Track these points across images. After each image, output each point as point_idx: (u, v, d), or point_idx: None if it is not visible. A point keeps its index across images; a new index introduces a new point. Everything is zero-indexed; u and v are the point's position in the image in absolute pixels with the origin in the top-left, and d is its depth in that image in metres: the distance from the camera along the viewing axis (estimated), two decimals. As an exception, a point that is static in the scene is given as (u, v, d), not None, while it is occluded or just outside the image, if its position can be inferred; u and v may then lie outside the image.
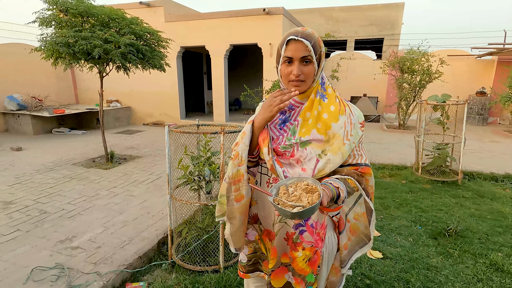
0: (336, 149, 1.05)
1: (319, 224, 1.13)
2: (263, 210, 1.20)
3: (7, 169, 4.66)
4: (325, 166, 1.05)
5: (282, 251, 1.15)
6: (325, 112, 1.07)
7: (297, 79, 1.04)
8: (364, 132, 1.15)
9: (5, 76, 7.59)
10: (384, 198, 3.65)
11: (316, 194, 0.91)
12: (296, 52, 1.01)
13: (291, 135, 1.08)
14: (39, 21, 3.77)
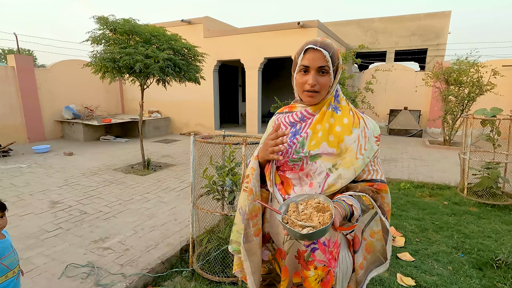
0: (349, 163, 1.00)
1: (332, 242, 1.07)
2: (274, 227, 1.14)
3: (58, 171, 5.16)
4: (336, 181, 1.00)
5: (294, 270, 1.09)
6: (338, 125, 1.04)
7: (312, 89, 1.01)
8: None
9: (64, 89, 8.53)
10: (421, 219, 3.35)
11: (328, 214, 0.86)
12: (313, 62, 0.99)
13: (299, 147, 1.04)
14: (91, 40, 4.21)
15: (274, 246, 1.16)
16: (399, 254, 2.63)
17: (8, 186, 4.33)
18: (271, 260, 1.19)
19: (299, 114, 1.09)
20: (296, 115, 1.10)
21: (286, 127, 1.12)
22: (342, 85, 4.51)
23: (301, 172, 1.03)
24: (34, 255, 2.55)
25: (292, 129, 1.09)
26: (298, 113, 1.09)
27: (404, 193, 4.19)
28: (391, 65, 10.03)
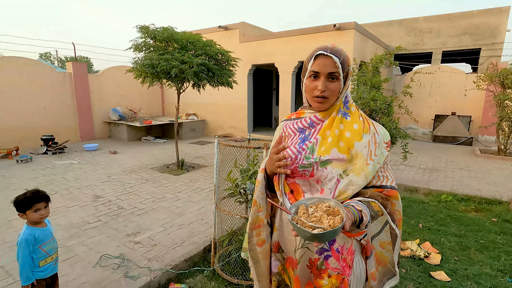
0: (359, 170, 0.99)
1: (346, 249, 1.04)
2: (284, 236, 1.13)
3: (103, 168, 5.62)
4: (346, 187, 0.99)
5: (306, 281, 1.06)
6: (347, 131, 1.03)
7: (322, 95, 1.01)
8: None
9: (111, 92, 9.30)
10: (463, 236, 3.05)
11: (339, 217, 0.85)
12: (324, 67, 0.99)
13: (309, 153, 1.03)
14: (133, 47, 4.55)
15: (283, 255, 1.14)
16: (433, 272, 2.43)
17: (61, 180, 4.83)
18: (281, 271, 1.17)
19: (308, 120, 1.08)
20: (305, 121, 1.09)
21: (295, 133, 1.11)
22: (377, 89, 4.30)
23: (311, 178, 1.02)
24: (75, 243, 2.80)
25: (301, 135, 1.09)
26: (307, 119, 1.09)
27: (445, 206, 3.85)
28: (437, 67, 9.30)
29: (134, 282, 2.21)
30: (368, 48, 7.81)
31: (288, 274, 1.14)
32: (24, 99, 7.39)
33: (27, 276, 1.61)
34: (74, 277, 2.28)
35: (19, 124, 7.33)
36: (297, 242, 1.07)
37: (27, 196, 1.65)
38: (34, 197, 1.66)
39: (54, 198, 3.98)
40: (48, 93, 7.83)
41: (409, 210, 3.69)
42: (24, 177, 4.94)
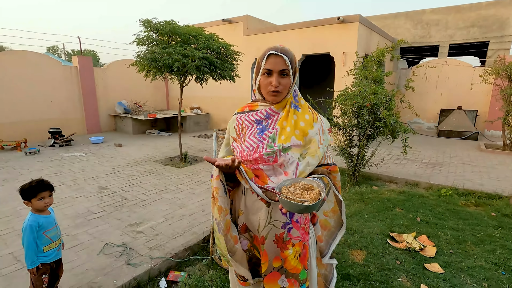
0: (314, 152, 1.18)
1: (303, 219, 1.22)
2: (249, 218, 1.23)
3: (108, 161, 5.74)
4: (305, 168, 1.17)
5: (273, 255, 1.20)
6: (301, 121, 1.20)
7: (275, 90, 1.16)
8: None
9: (117, 86, 9.40)
10: (460, 230, 3.07)
11: (316, 191, 1.02)
12: (275, 65, 1.14)
13: (271, 142, 1.17)
14: (136, 41, 4.60)
15: (251, 234, 1.26)
16: (427, 264, 2.47)
17: (67, 172, 4.96)
18: (250, 247, 1.28)
19: (264, 112, 1.21)
20: (261, 113, 1.22)
21: (252, 124, 1.23)
22: (379, 83, 4.28)
23: (275, 163, 1.15)
24: (80, 232, 2.91)
25: (259, 126, 1.22)
26: (263, 111, 1.21)
27: (445, 201, 3.86)
28: (444, 60, 9.15)
29: (135, 269, 2.31)
30: (374, 41, 7.72)
31: (258, 250, 1.26)
32: (32, 93, 7.53)
33: (32, 260, 1.70)
34: (79, 264, 2.39)
35: (27, 117, 7.49)
36: (260, 222, 1.19)
37: (32, 185, 1.74)
38: (39, 186, 1.75)
39: (61, 189, 4.11)
40: (55, 87, 7.97)
41: (408, 204, 3.71)
42: (32, 169, 5.09)
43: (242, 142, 1.23)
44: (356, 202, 3.81)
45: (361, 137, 4.33)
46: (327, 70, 10.74)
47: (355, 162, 4.44)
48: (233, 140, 1.28)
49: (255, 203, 1.19)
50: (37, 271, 1.73)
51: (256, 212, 1.19)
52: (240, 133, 1.25)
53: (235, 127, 1.28)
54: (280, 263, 1.20)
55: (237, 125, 1.27)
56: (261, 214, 1.18)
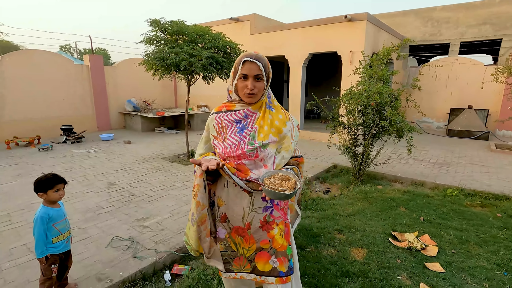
0: (287, 147, 1.37)
1: (283, 202, 1.44)
2: (231, 209, 1.38)
3: (117, 157, 5.89)
4: (281, 161, 1.36)
5: (260, 239, 1.37)
6: (276, 120, 1.37)
7: (251, 92, 1.30)
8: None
9: (126, 84, 9.58)
10: (464, 230, 3.06)
11: (292, 181, 1.22)
12: (251, 71, 1.28)
13: (251, 139, 1.32)
14: (145, 41, 4.70)
15: (230, 225, 1.40)
16: (427, 263, 2.48)
17: (78, 167, 5.12)
18: (227, 238, 1.42)
19: (242, 113, 1.36)
20: (240, 113, 1.36)
21: (232, 124, 1.37)
22: (385, 82, 4.26)
23: (256, 158, 1.32)
24: (90, 226, 3.03)
25: (238, 125, 1.36)
26: (242, 112, 1.36)
27: (450, 201, 3.84)
28: (454, 58, 8.99)
29: (141, 262, 2.40)
30: (382, 39, 7.65)
31: (234, 241, 1.41)
32: (45, 90, 7.76)
33: (41, 250, 1.80)
34: (88, 256, 2.49)
35: (40, 114, 7.73)
36: (245, 210, 1.35)
37: (49, 177, 1.85)
38: (55, 178, 1.87)
39: (72, 184, 4.25)
40: (67, 85, 8.18)
41: (412, 204, 3.70)
42: (45, 164, 5.27)
43: (224, 140, 1.35)
44: (360, 201, 3.83)
45: (366, 136, 4.32)
46: (335, 68, 10.68)
47: (359, 161, 4.44)
48: (214, 138, 1.40)
49: (238, 194, 1.35)
50: (46, 261, 1.83)
51: (240, 201, 1.35)
52: (221, 132, 1.37)
53: (215, 126, 1.40)
54: (269, 244, 1.37)
55: (217, 124, 1.39)
56: (245, 203, 1.34)
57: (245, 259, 1.40)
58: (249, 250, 1.38)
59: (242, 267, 1.41)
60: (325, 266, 2.42)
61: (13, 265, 2.35)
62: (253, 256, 1.38)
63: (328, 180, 4.87)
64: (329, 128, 4.45)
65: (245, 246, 1.38)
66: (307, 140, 8.01)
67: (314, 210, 3.63)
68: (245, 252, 1.39)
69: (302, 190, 4.16)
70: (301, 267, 2.38)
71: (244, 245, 1.39)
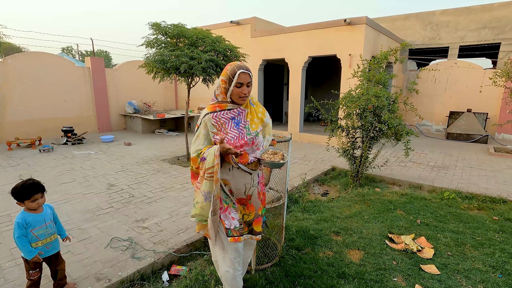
0: (270, 132, 1.88)
1: (260, 176, 1.89)
2: (236, 185, 1.75)
3: (118, 159, 5.93)
4: (267, 143, 1.84)
5: (258, 206, 1.85)
6: (259, 113, 1.81)
7: (245, 96, 1.67)
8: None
9: (127, 86, 9.65)
10: (460, 233, 3.08)
11: (280, 154, 1.71)
12: (245, 80, 1.64)
13: (247, 131, 1.71)
14: (145, 44, 4.75)
15: (233, 199, 1.79)
16: (423, 265, 2.50)
17: (79, 169, 5.16)
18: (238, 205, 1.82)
19: (236, 111, 1.71)
20: (233, 112, 1.71)
21: (228, 120, 1.70)
22: (383, 86, 4.30)
23: (254, 145, 1.71)
24: (90, 226, 3.06)
25: (234, 121, 1.71)
26: (236, 110, 1.71)
27: (447, 204, 3.86)
28: (453, 62, 9.03)
29: (139, 262, 2.42)
30: (381, 42, 7.70)
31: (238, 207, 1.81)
32: (46, 92, 7.82)
33: (27, 251, 1.81)
34: (88, 256, 2.52)
35: (42, 115, 7.79)
36: (246, 186, 1.75)
37: (25, 187, 1.78)
38: (31, 188, 1.79)
39: (72, 185, 4.29)
40: (68, 87, 8.24)
41: (409, 206, 3.73)
42: (46, 166, 5.31)
43: (226, 134, 1.68)
44: (358, 203, 3.85)
45: (364, 139, 4.36)
46: (335, 70, 10.74)
47: (358, 164, 4.47)
48: (214, 134, 1.69)
49: (241, 175, 1.73)
50: (27, 263, 1.85)
51: (243, 179, 1.74)
52: (221, 128, 1.68)
53: (214, 124, 1.69)
54: (262, 209, 1.90)
55: (215, 122, 1.69)
56: (247, 181, 1.75)
57: (245, 224, 1.82)
58: (250, 215, 1.82)
59: (243, 232, 1.81)
60: (322, 267, 2.44)
61: (13, 265, 2.38)
62: (252, 221, 1.84)
63: (327, 183, 4.90)
64: (328, 130, 4.49)
65: (246, 212, 1.81)
66: (306, 142, 8.05)
67: (312, 212, 3.65)
68: (246, 217, 1.81)
69: (300, 193, 4.19)
70: (297, 269, 2.41)
71: (245, 212, 1.81)
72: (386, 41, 8.06)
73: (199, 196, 1.71)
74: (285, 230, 2.92)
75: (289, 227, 3.11)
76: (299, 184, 4.48)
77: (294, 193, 4.21)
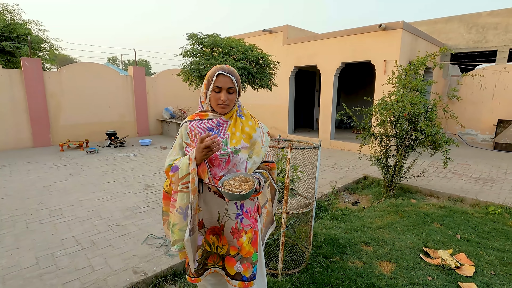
0: (258, 152, 1.45)
1: (252, 209, 1.50)
2: (208, 212, 1.44)
3: (154, 161, 6.29)
4: (252, 166, 1.43)
5: (231, 243, 1.45)
6: (246, 126, 1.44)
7: (224, 104, 1.37)
8: None
9: (164, 93, 10.22)
10: (506, 251, 2.84)
11: (251, 182, 1.30)
12: (224, 84, 1.35)
13: (224, 145, 1.37)
14: (183, 53, 5.05)
15: (205, 229, 1.48)
16: (462, 283, 2.35)
17: (120, 170, 5.56)
18: (204, 243, 1.49)
19: (215, 121, 1.42)
20: (212, 122, 1.42)
21: (205, 131, 1.40)
22: (421, 92, 4.11)
23: (228, 165, 1.38)
24: (129, 223, 3.30)
25: (212, 133, 1.39)
26: (215, 121, 1.42)
27: (492, 219, 3.57)
28: (503, 66, 8.35)
29: (172, 259, 2.57)
30: (419, 47, 7.37)
31: (208, 242, 1.48)
32: (94, 99, 8.57)
33: None
34: (126, 250, 2.72)
35: (89, 120, 8.53)
36: (220, 213, 1.43)
37: None
38: None
39: (114, 184, 4.64)
40: (112, 94, 8.95)
41: (448, 220, 3.51)
42: (92, 166, 5.80)
43: None
44: (390, 214, 3.71)
45: (399, 147, 4.20)
46: (369, 77, 10.44)
47: (391, 173, 4.30)
48: (187, 145, 1.42)
49: (213, 199, 1.42)
50: None
51: (215, 205, 1.42)
52: (194, 139, 1.40)
53: (188, 134, 1.42)
54: (237, 251, 1.44)
55: (190, 131, 1.42)
56: (220, 207, 1.42)
57: (218, 256, 1.49)
58: (223, 248, 1.46)
59: (216, 263, 1.50)
60: (350, 277, 2.40)
61: (63, 254, 2.65)
62: (225, 256, 1.46)
63: (358, 191, 4.77)
64: (360, 138, 4.39)
65: (219, 245, 1.46)
66: (337, 149, 7.89)
67: (341, 221, 3.59)
68: (219, 250, 1.47)
69: (330, 200, 4.13)
70: (325, 276, 2.39)
71: (218, 244, 1.46)
72: (424, 46, 7.70)
73: (175, 216, 1.36)
74: (313, 237, 2.91)
75: (317, 234, 3.09)
76: (329, 192, 4.42)
77: (324, 200, 4.16)
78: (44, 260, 2.54)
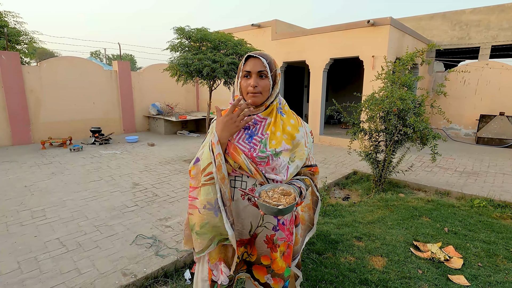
0: (301, 155, 1.26)
1: (288, 221, 1.32)
2: (239, 224, 1.25)
3: (142, 159, 6.14)
4: (294, 171, 1.25)
5: (263, 253, 1.28)
6: (288, 125, 1.25)
7: (254, 91, 1.17)
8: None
9: (151, 88, 9.97)
10: (492, 243, 2.92)
11: (292, 196, 1.11)
12: (253, 67, 1.17)
13: (263, 147, 1.18)
14: (170, 48, 4.91)
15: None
16: (451, 275, 2.40)
17: (106, 168, 5.39)
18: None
19: (252, 119, 1.21)
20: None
21: (240, 130, 1.21)
22: (409, 88, 4.17)
23: (267, 166, 1.18)
24: (116, 224, 3.19)
25: (247, 131, 1.23)
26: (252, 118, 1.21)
27: (477, 212, 3.67)
28: (485, 63, 8.59)
29: (163, 260, 2.50)
30: (406, 43, 7.47)
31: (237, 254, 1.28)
32: (77, 95, 8.25)
33: None
34: (114, 252, 2.63)
35: (72, 117, 8.22)
36: (252, 224, 1.24)
37: None
38: None
39: (99, 183, 4.49)
40: (96, 89, 8.65)
41: (436, 213, 3.58)
42: (76, 164, 5.59)
43: None
44: (380, 208, 3.75)
45: (388, 142, 4.24)
46: (357, 73, 10.54)
47: (381, 168, 4.35)
48: None
49: (246, 208, 1.22)
50: None
51: (248, 216, 1.22)
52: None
53: None
54: (269, 262, 1.28)
55: None
56: (254, 219, 1.22)
57: (243, 262, 1.32)
58: (251, 256, 1.29)
59: (239, 269, 1.34)
60: (343, 273, 2.40)
61: (47, 257, 2.53)
62: (253, 264, 1.31)
63: (348, 187, 4.81)
64: (350, 134, 4.41)
65: (248, 251, 1.29)
66: (327, 145, 7.94)
67: (332, 216, 3.60)
68: (245, 256, 1.30)
69: (321, 196, 4.14)
70: (318, 273, 2.39)
71: (246, 250, 1.30)
72: (411, 42, 7.81)
73: (203, 215, 1.20)
74: (305, 233, 2.91)
75: (310, 230, 3.08)
76: (320, 187, 4.43)
77: (314, 196, 4.17)
78: (26, 264, 2.42)
